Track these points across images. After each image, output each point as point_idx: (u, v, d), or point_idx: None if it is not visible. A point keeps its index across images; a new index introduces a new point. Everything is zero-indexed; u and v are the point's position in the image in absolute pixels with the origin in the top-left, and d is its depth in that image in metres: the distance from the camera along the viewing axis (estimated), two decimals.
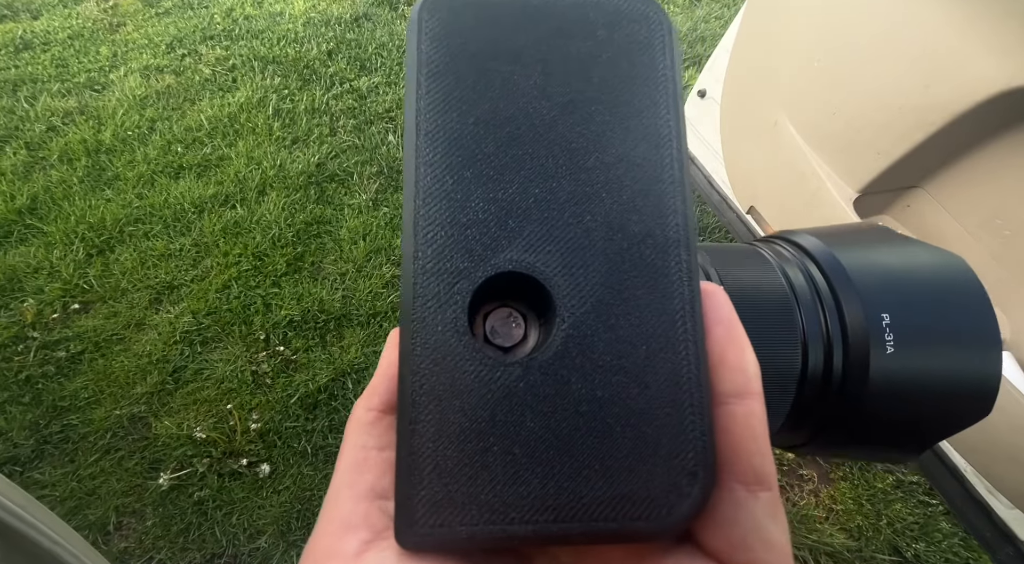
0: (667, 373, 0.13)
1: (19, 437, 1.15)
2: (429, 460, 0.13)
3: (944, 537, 1.11)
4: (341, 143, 1.83)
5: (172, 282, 1.42)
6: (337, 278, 1.46)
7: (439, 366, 0.13)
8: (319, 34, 2.28)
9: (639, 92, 0.15)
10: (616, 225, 0.14)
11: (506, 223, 0.14)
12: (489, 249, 0.14)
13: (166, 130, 1.83)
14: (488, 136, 0.15)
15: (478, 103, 0.15)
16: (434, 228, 0.14)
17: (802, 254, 0.21)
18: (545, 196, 0.14)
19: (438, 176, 0.14)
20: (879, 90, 0.70)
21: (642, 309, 0.14)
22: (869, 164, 0.75)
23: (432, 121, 0.15)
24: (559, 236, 0.14)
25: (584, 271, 0.14)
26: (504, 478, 0.13)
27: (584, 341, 0.14)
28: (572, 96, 0.15)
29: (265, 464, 1.13)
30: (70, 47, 2.19)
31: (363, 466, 0.15)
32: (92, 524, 1.05)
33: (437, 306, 0.14)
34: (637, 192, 0.14)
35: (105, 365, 1.27)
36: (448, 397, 0.13)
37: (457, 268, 0.14)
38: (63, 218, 1.55)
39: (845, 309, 0.19)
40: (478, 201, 0.14)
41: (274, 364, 1.28)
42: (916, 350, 0.18)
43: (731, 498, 0.13)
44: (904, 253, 0.20)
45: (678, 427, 0.13)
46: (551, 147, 0.15)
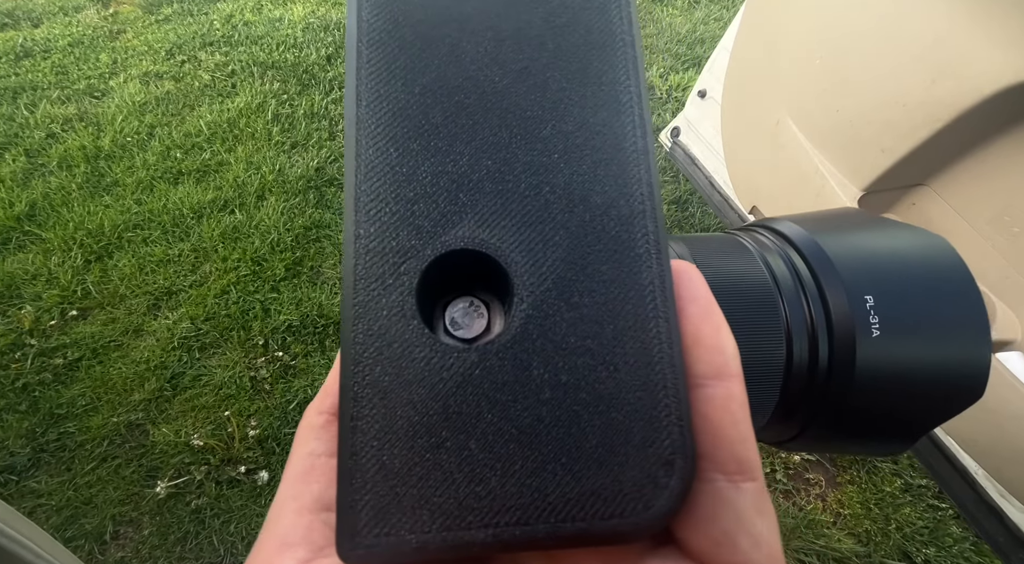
0: (637, 354, 0.12)
1: (15, 445, 1.14)
2: (373, 460, 0.12)
3: (955, 542, 1.09)
4: (340, 147, 1.83)
5: (171, 288, 1.42)
6: (336, 282, 1.45)
7: (384, 355, 0.12)
8: (318, 39, 2.29)
9: (596, 58, 0.14)
10: (576, 197, 0.13)
11: (457, 197, 0.13)
12: (439, 225, 0.13)
13: (165, 136, 1.83)
14: (435, 105, 0.13)
15: (424, 71, 0.14)
16: (377, 204, 0.13)
17: (783, 242, 0.20)
18: (498, 168, 0.13)
19: (381, 148, 0.13)
20: (883, 86, 0.69)
21: (608, 285, 0.13)
22: (874, 162, 0.73)
23: (374, 90, 0.13)
24: (515, 210, 0.13)
25: (543, 246, 0.13)
26: (459, 477, 0.12)
27: (545, 322, 0.12)
28: (525, 63, 0.14)
29: (264, 471, 1.12)
30: (70, 54, 2.20)
31: (310, 475, 0.14)
32: (88, 533, 1.04)
33: (381, 289, 0.12)
34: (598, 161, 0.13)
35: (103, 372, 1.26)
36: (395, 389, 0.12)
37: (403, 247, 0.13)
38: (62, 224, 1.54)
39: (829, 297, 0.18)
40: (425, 174, 0.13)
41: (273, 370, 1.27)
42: (902, 333, 0.18)
43: (712, 490, 0.12)
44: (886, 236, 0.19)
45: (652, 412, 0.12)
46: (504, 116, 0.13)
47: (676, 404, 0.12)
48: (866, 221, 0.20)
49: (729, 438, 0.12)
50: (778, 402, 0.19)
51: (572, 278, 0.13)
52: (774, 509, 0.13)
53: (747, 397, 0.13)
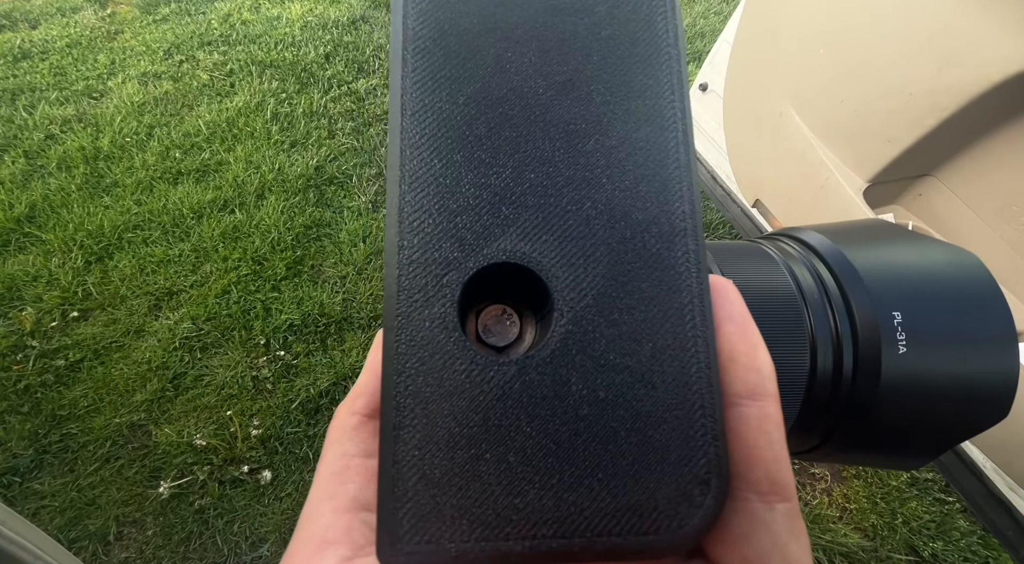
0: (675, 372, 0.12)
1: (18, 447, 1.14)
2: (414, 469, 0.12)
3: (962, 535, 1.09)
4: (340, 146, 1.82)
5: (171, 288, 1.41)
6: (337, 281, 1.45)
7: (426, 365, 0.12)
8: (316, 37, 2.28)
9: (641, 71, 0.14)
10: (618, 212, 0.13)
11: (499, 210, 0.13)
12: (481, 238, 0.13)
13: (164, 136, 1.83)
14: (480, 117, 0.13)
15: (469, 82, 0.14)
16: (420, 215, 0.13)
17: (809, 252, 0.20)
18: (541, 181, 0.13)
19: (425, 159, 0.13)
20: (889, 76, 0.68)
21: (647, 303, 0.13)
22: (879, 153, 0.72)
23: (419, 100, 0.13)
24: (557, 224, 0.13)
25: (584, 262, 0.13)
26: (498, 489, 0.12)
27: (585, 338, 0.12)
28: (570, 75, 0.14)
29: (267, 471, 1.12)
30: (68, 55, 2.19)
31: (345, 475, 0.14)
32: (92, 534, 1.04)
33: (424, 300, 0.12)
34: (640, 177, 0.13)
35: (104, 373, 1.25)
36: (436, 400, 0.12)
37: (446, 258, 0.13)
38: (61, 226, 1.54)
39: (855, 308, 0.18)
40: (468, 186, 0.13)
41: (275, 369, 1.26)
42: (929, 350, 0.17)
43: (746, 510, 0.12)
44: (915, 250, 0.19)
45: (688, 431, 0.12)
46: (547, 129, 0.13)
47: (712, 424, 0.12)
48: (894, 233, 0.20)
49: (764, 459, 0.12)
50: (800, 412, 0.19)
51: (612, 294, 0.13)
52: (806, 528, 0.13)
53: (782, 418, 0.13)
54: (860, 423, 0.18)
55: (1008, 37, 0.57)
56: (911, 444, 0.19)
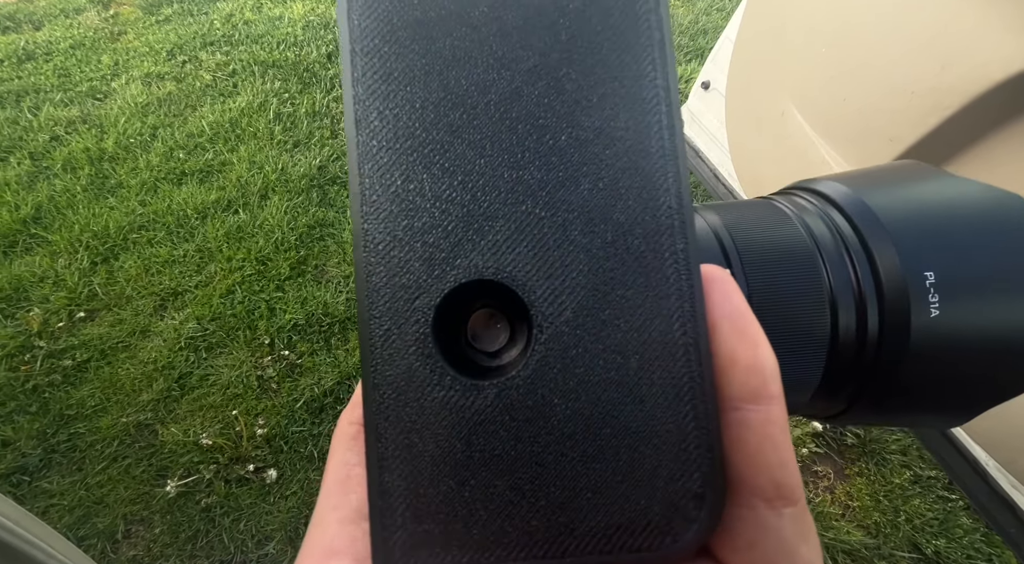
0: (665, 384, 0.12)
1: (27, 446, 1.15)
2: (401, 499, 0.12)
3: (965, 533, 1.09)
4: (342, 145, 1.82)
5: (176, 288, 1.42)
6: (341, 281, 1.45)
7: (403, 395, 0.12)
8: (318, 37, 2.28)
9: (617, 48, 0.12)
10: (597, 214, 0.12)
11: (468, 223, 0.12)
12: (451, 256, 0.12)
13: (168, 137, 1.84)
14: (439, 120, 0.12)
15: (425, 82, 0.12)
16: (386, 237, 0.12)
17: (824, 202, 0.18)
18: (511, 187, 0.12)
19: (385, 175, 0.12)
20: (891, 74, 0.68)
21: (633, 312, 0.12)
22: (881, 151, 0.72)
23: (372, 109, 0.12)
24: (531, 233, 0.12)
25: (562, 272, 0.12)
26: (486, 513, 0.12)
27: (566, 354, 0.12)
28: (536, 60, 0.12)
29: (272, 469, 1.13)
30: (72, 57, 2.20)
31: (347, 484, 0.14)
32: (100, 532, 1.05)
33: (396, 328, 0.12)
34: (620, 171, 0.12)
35: (111, 373, 1.26)
36: (416, 428, 0.12)
37: (416, 282, 0.12)
38: (67, 227, 1.55)
39: (879, 260, 0.16)
40: (433, 200, 0.12)
41: (279, 369, 1.27)
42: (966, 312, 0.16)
43: (752, 517, 0.12)
44: (945, 190, 0.17)
45: (680, 445, 0.12)
46: (515, 126, 0.12)
47: (705, 435, 0.12)
48: (923, 174, 0.18)
49: (768, 464, 0.12)
50: (823, 376, 0.17)
51: (594, 305, 0.12)
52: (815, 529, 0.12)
53: (787, 418, 0.12)
54: (889, 384, 0.17)
55: (1011, 36, 0.57)
56: (944, 406, 0.17)
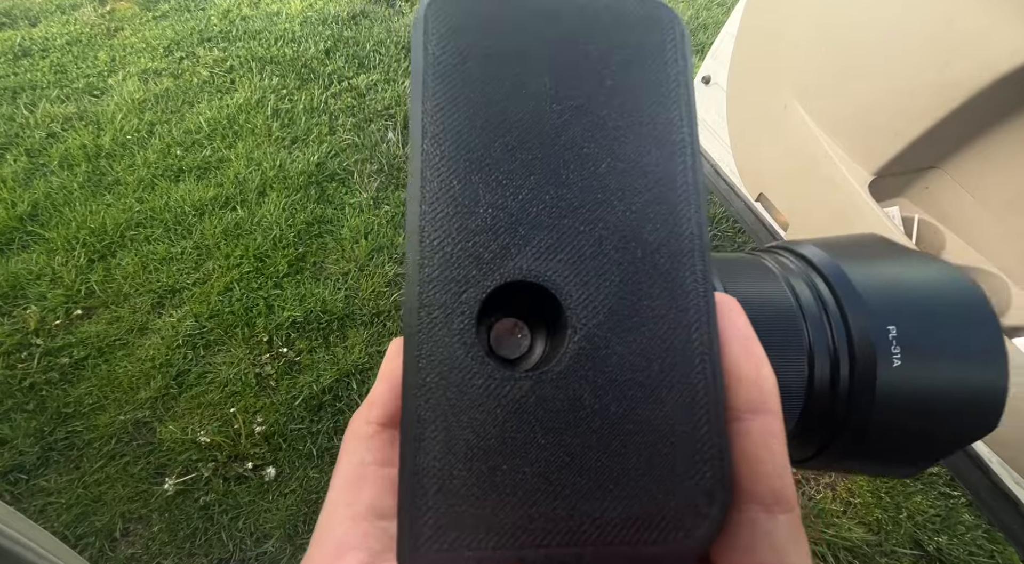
0: (682, 388, 0.13)
1: (24, 445, 1.14)
2: (435, 479, 0.12)
3: (967, 529, 1.08)
4: (341, 142, 1.81)
5: (174, 286, 1.41)
6: (339, 278, 1.45)
7: (446, 380, 0.13)
8: (316, 33, 2.27)
9: (651, 98, 0.14)
10: (629, 233, 0.14)
11: (516, 230, 0.13)
12: (498, 257, 0.13)
13: (165, 133, 1.82)
14: (496, 140, 0.14)
15: (486, 106, 0.14)
16: (440, 235, 0.13)
17: (806, 266, 0.21)
18: (556, 203, 0.14)
19: (445, 180, 0.14)
20: (895, 67, 0.67)
21: (656, 321, 0.13)
22: (885, 145, 0.72)
23: (438, 123, 0.14)
24: (571, 244, 0.13)
25: (597, 281, 0.13)
26: (515, 499, 0.12)
27: (597, 354, 0.13)
28: (583, 100, 0.14)
29: (271, 467, 1.12)
30: (68, 53, 2.19)
31: (362, 483, 0.14)
32: (99, 531, 1.04)
33: (444, 317, 0.13)
34: (650, 200, 0.14)
35: (108, 371, 1.26)
36: (455, 412, 0.13)
37: (465, 277, 0.13)
38: (64, 224, 1.54)
39: (851, 322, 0.19)
40: (486, 207, 0.14)
41: (278, 366, 1.26)
42: (923, 363, 0.18)
43: (749, 521, 0.13)
44: (909, 266, 0.20)
45: (694, 445, 0.13)
46: (562, 152, 0.14)
47: (717, 438, 0.13)
48: (889, 250, 0.20)
49: (766, 472, 0.13)
50: (798, 422, 0.19)
51: (623, 312, 0.13)
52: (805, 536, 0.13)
53: (784, 432, 0.13)
54: (856, 434, 0.18)
55: (1016, 29, 0.56)
56: (904, 454, 0.19)
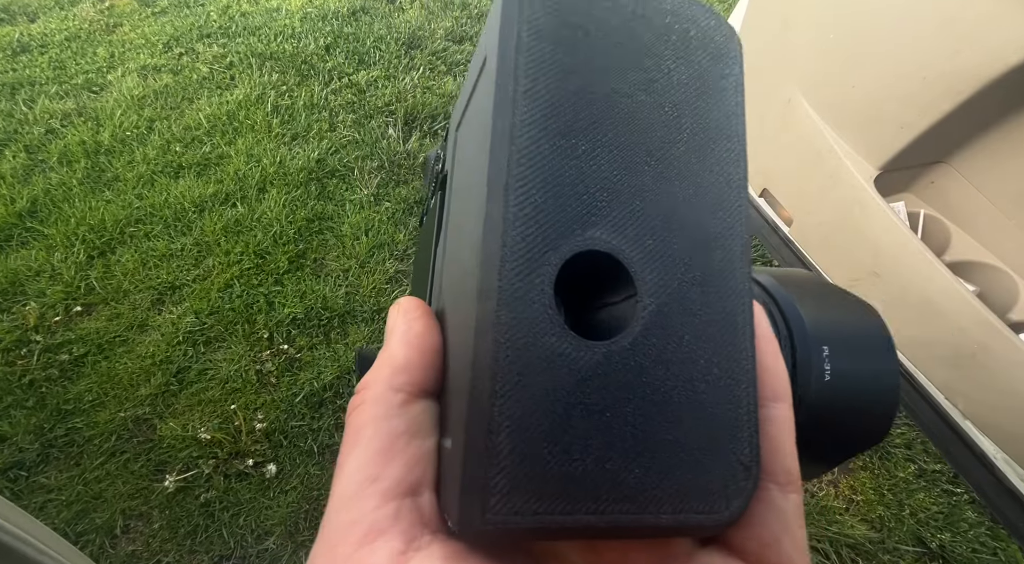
0: (730, 370, 0.14)
1: (24, 441, 1.14)
2: (508, 440, 0.12)
3: (970, 527, 1.08)
4: (341, 138, 1.80)
5: (174, 282, 1.41)
6: (340, 274, 1.44)
7: (524, 340, 0.12)
8: (316, 29, 2.26)
9: (717, 117, 0.15)
10: (694, 224, 0.14)
11: (596, 200, 0.14)
12: (578, 224, 0.13)
13: (165, 130, 1.82)
14: (585, 109, 0.14)
15: (577, 73, 0.14)
16: (528, 191, 0.13)
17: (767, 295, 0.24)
18: (633, 181, 0.14)
19: (535, 137, 0.13)
20: (902, 59, 0.66)
21: (712, 305, 0.14)
22: (891, 139, 0.71)
23: (532, 80, 0.14)
24: (643, 222, 0.14)
25: (665, 260, 0.14)
26: (583, 465, 0.12)
27: (664, 331, 0.13)
28: (663, 95, 0.15)
29: (271, 464, 1.12)
30: (67, 49, 2.18)
31: (391, 454, 0.13)
32: (99, 528, 1.04)
33: (526, 275, 0.13)
34: (713, 200, 0.15)
35: (108, 367, 1.25)
36: (531, 373, 0.12)
37: (549, 237, 0.13)
38: (63, 220, 1.53)
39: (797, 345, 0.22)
40: (571, 172, 0.13)
41: (278, 363, 1.26)
42: (843, 381, 0.22)
43: (766, 498, 0.14)
44: (838, 299, 0.24)
45: (735, 423, 0.13)
46: (641, 135, 0.14)
47: (754, 418, 0.14)
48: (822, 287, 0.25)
49: (783, 452, 0.14)
50: None
51: (687, 293, 0.14)
52: None
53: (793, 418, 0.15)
54: None
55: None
56: (822, 458, 0.23)
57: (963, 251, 0.76)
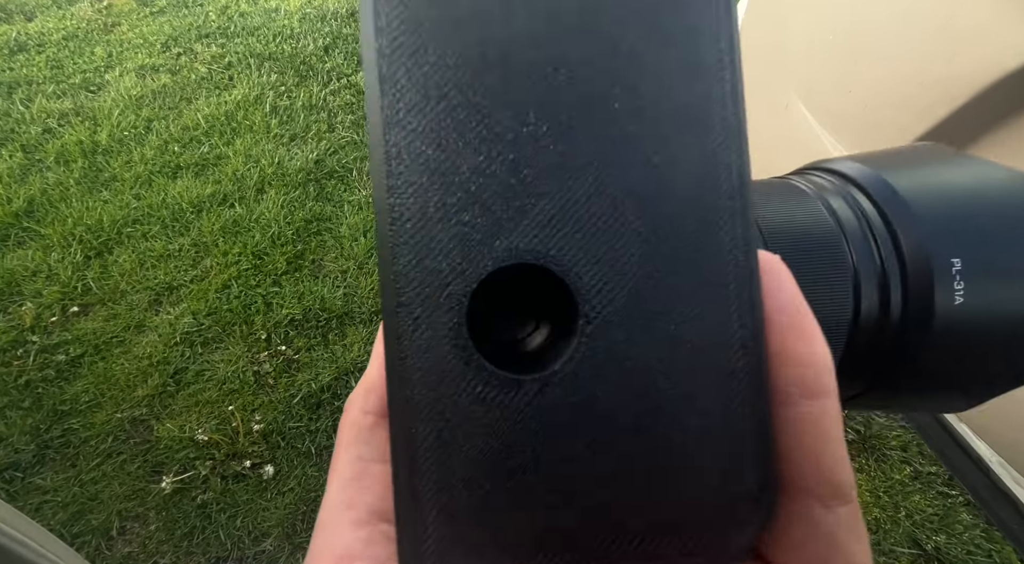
0: (719, 378, 0.11)
1: (20, 442, 1.14)
2: (433, 502, 0.11)
3: (965, 529, 1.08)
4: (339, 139, 1.80)
5: (171, 283, 1.41)
6: (338, 276, 1.44)
7: (437, 390, 0.11)
8: (315, 29, 2.26)
9: (676, 7, 0.11)
10: (652, 193, 0.11)
11: (509, 200, 0.11)
12: (488, 236, 0.11)
13: (163, 130, 1.81)
14: (476, 80, 0.11)
15: (460, 32, 0.11)
16: (414, 214, 0.11)
17: (845, 182, 0.18)
18: (559, 160, 0.11)
19: (412, 142, 0.11)
20: (899, 64, 0.67)
21: (686, 299, 0.11)
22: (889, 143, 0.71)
23: (398, 64, 0.11)
24: (579, 211, 0.11)
25: (613, 257, 0.11)
26: (526, 516, 0.11)
27: (614, 347, 0.11)
28: (589, 15, 0.11)
29: (269, 465, 1.11)
30: (65, 48, 2.17)
31: (363, 481, 0.13)
32: (95, 529, 1.04)
33: (427, 315, 0.11)
34: (679, 146, 0.11)
35: (105, 368, 1.25)
36: (451, 427, 0.11)
37: (449, 266, 0.11)
38: (60, 220, 1.53)
39: (903, 241, 0.16)
40: (469, 173, 0.11)
41: (276, 364, 1.26)
42: (989, 297, 0.15)
43: (806, 515, 0.11)
44: (971, 174, 0.17)
45: (732, 442, 0.11)
46: (561, 90, 0.11)
47: (761, 433, 0.11)
48: (945, 156, 0.17)
49: (822, 461, 0.11)
50: (843, 357, 0.17)
51: (646, 293, 0.11)
52: (866, 527, 0.12)
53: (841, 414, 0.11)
54: (907, 370, 0.16)
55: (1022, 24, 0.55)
56: (961, 390, 0.17)
57: None
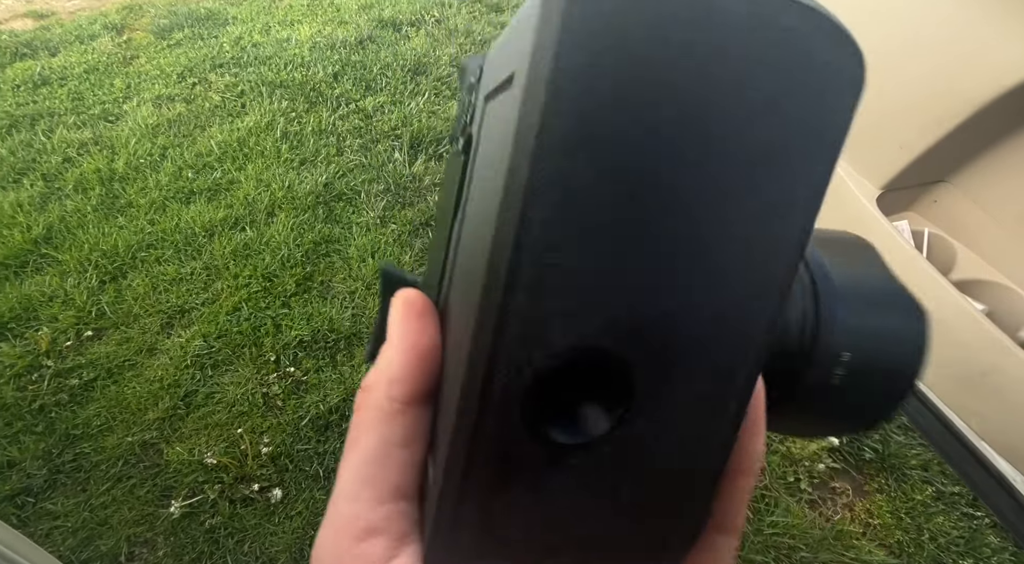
0: (703, 473, 0.14)
1: (32, 467, 1.14)
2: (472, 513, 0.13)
3: (993, 552, 1.04)
4: (348, 162, 1.84)
5: (183, 306, 1.43)
6: (347, 297, 1.45)
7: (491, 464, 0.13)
8: (325, 57, 2.32)
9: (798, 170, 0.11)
10: (709, 315, 0.12)
11: (603, 289, 0.11)
12: (574, 321, 0.11)
13: (177, 156, 1.86)
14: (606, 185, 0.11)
15: (603, 141, 0.11)
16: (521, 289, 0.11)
17: None
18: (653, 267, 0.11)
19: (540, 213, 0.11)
20: (901, 81, 0.67)
21: (703, 408, 0.13)
22: (892, 159, 0.71)
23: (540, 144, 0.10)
24: (659, 319, 0.12)
25: (672, 363, 0.12)
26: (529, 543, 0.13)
27: (648, 442, 0.13)
28: (717, 164, 0.11)
29: (277, 489, 1.11)
30: (86, 81, 2.25)
31: (386, 463, 0.14)
32: (104, 555, 1.03)
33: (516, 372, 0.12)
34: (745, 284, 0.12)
35: (117, 392, 1.26)
36: (495, 493, 0.13)
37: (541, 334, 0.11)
38: (77, 246, 1.56)
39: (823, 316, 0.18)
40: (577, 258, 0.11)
41: (285, 386, 1.26)
42: (858, 380, 0.18)
43: (712, 545, 0.16)
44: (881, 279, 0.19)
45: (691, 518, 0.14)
46: (673, 217, 0.11)
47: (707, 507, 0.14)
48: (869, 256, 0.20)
49: (738, 513, 0.16)
50: None
51: (680, 399, 0.13)
52: None
53: None
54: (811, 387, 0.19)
55: (1020, 43, 0.56)
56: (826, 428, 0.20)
57: (969, 270, 0.75)
